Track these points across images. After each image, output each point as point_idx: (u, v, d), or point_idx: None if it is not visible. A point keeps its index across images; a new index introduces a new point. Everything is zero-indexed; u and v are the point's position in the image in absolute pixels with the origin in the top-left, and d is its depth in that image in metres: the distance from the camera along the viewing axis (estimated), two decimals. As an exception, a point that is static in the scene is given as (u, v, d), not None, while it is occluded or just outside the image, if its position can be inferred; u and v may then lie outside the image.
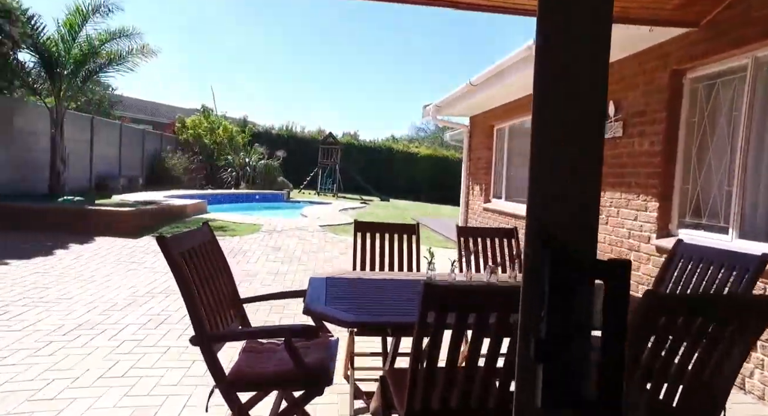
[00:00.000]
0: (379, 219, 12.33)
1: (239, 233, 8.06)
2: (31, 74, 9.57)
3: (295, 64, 75.43)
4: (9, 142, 9.14)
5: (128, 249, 6.43)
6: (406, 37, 74.70)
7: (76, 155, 10.80)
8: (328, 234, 8.68)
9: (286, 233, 8.39)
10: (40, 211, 7.26)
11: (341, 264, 6.52)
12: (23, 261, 5.45)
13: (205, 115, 19.19)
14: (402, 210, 16.53)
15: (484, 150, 8.06)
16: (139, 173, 14.90)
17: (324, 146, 22.36)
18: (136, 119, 23.53)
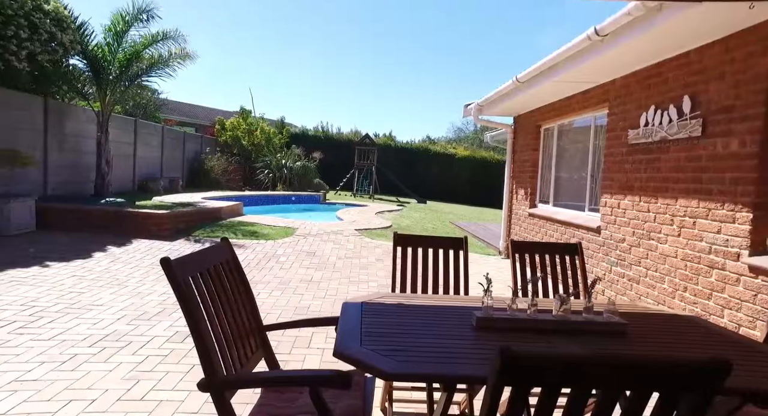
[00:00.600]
0: (415, 222, 11.98)
1: (273, 237, 7.92)
2: (80, 79, 9.85)
3: (331, 64, 76.13)
4: (61, 145, 9.43)
5: (163, 253, 6.38)
6: (444, 36, 73.87)
7: (120, 157, 11.07)
8: (364, 239, 8.40)
9: (320, 237, 8.18)
10: (84, 213, 7.38)
11: (377, 272, 6.22)
12: (63, 264, 5.46)
13: (244, 117, 19.44)
14: (439, 214, 16.09)
15: (529, 151, 7.54)
16: (180, 175, 15.20)
17: (360, 147, 22.20)
18: (180, 122, 24.29)
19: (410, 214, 14.17)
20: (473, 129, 48.55)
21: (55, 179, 9.24)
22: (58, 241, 6.63)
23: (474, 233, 10.98)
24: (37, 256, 5.73)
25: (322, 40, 74.39)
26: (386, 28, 72.48)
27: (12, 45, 7.73)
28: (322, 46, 74.96)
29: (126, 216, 7.37)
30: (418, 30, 73.47)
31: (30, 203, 6.97)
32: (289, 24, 72.34)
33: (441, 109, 78.23)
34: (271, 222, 9.04)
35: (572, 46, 4.34)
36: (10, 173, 8.00)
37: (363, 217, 11.29)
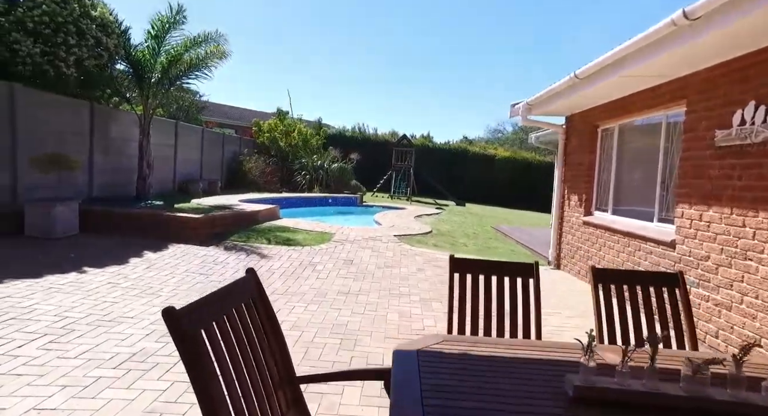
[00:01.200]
0: (456, 227, 11.48)
1: (310, 243, 7.66)
2: (124, 84, 9.99)
3: (367, 65, 76.20)
4: (106, 149, 9.60)
5: (198, 259, 6.23)
6: (481, 37, 72.37)
7: (161, 159, 11.20)
8: (404, 246, 8.01)
9: (358, 243, 7.86)
10: (123, 216, 7.39)
11: (419, 284, 5.81)
12: (100, 270, 5.38)
13: (281, 118, 19.50)
14: (480, 217, 15.48)
15: (584, 154, 6.92)
16: (219, 176, 15.34)
17: (398, 148, 21.84)
18: (220, 123, 24.77)
19: (450, 218, 13.66)
20: (512, 129, 47.21)
21: (100, 181, 9.40)
22: (97, 245, 6.62)
23: (519, 239, 10.37)
24: (76, 261, 5.70)
25: (361, 41, 74.65)
26: (424, 28, 71.89)
27: (61, 51, 7.87)
28: (361, 47, 75.23)
29: (163, 220, 7.31)
30: (454, 29, 72.38)
31: (74, 206, 7.02)
32: (328, 26, 73.07)
33: (478, 110, 76.64)
34: (308, 227, 8.80)
35: (650, 34, 3.78)
36: (57, 176, 8.15)
37: (401, 222, 10.90)
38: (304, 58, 72.46)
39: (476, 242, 9.56)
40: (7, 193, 7.27)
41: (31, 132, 7.62)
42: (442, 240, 9.07)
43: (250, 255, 6.64)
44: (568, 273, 7.18)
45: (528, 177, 27.57)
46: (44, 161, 7.55)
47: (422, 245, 8.34)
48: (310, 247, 7.38)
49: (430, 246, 8.35)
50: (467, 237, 9.95)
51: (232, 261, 6.28)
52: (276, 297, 4.86)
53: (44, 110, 7.98)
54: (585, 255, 6.56)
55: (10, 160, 7.32)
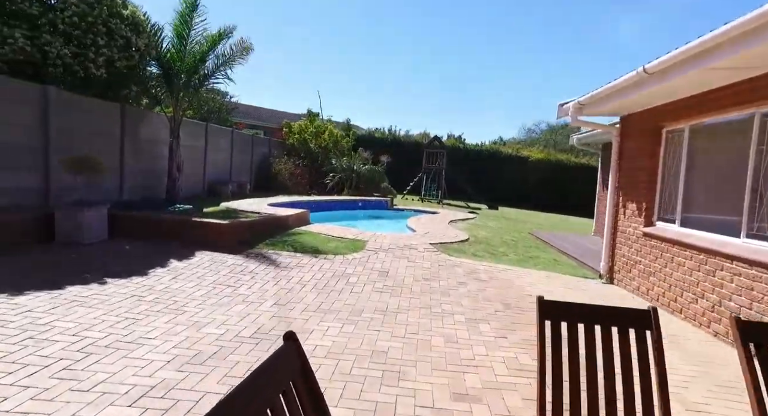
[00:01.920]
0: (493, 234, 10.87)
1: (342, 251, 7.25)
2: (155, 84, 9.87)
3: (397, 65, 75.65)
4: (136, 151, 9.49)
5: (226, 269, 5.91)
6: (513, 38, 70.72)
7: (190, 162, 11.06)
8: (441, 256, 7.50)
9: (393, 252, 7.40)
10: (151, 222, 7.17)
11: (461, 300, 5.30)
12: (125, 281, 5.11)
13: (311, 120, 19.27)
14: (516, 222, 14.78)
15: (644, 158, 6.24)
16: (248, 178, 15.20)
17: (429, 150, 21.28)
18: (249, 125, 24.82)
19: (485, 223, 13.05)
20: (545, 129, 45.78)
21: (130, 184, 9.29)
22: (125, 252, 6.40)
23: (561, 248, 9.68)
24: (102, 269, 5.46)
25: (390, 42, 74.24)
26: (453, 28, 70.82)
27: (91, 52, 7.75)
28: (390, 48, 74.82)
29: (191, 226, 7.05)
30: (487, 30, 71.03)
31: (103, 211, 6.84)
32: (355, 26, 73.00)
33: (511, 110, 75.00)
34: (340, 234, 8.41)
35: (751, 19, 3.16)
36: (88, 179, 8.04)
37: (436, 228, 10.38)
38: (334, 57, 72.64)
39: (516, 251, 8.95)
40: (40, 195, 7.18)
41: (63, 134, 7.52)
42: (481, 249, 8.50)
43: (279, 265, 6.28)
44: (624, 288, 6.51)
45: (562, 179, 26.49)
46: (74, 163, 7.43)
47: (461, 254, 7.81)
48: (343, 256, 6.97)
49: (469, 256, 7.81)
50: (506, 246, 9.35)
51: (260, 271, 5.93)
52: (308, 315, 4.46)
53: (76, 112, 7.89)
54: (646, 271, 5.89)
55: (43, 162, 7.23)
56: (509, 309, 5.13)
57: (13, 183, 6.76)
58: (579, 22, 66.43)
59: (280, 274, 5.87)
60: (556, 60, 70.59)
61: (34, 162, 7.06)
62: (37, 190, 7.08)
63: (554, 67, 70.90)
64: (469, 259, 7.53)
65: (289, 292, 5.18)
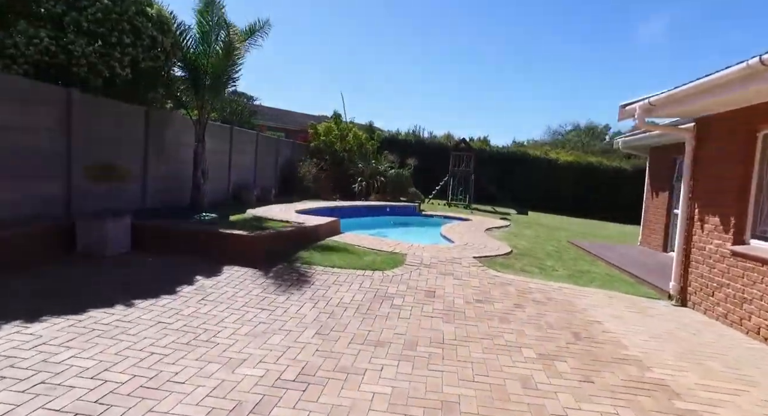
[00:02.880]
0: (533, 243, 10.15)
1: (380, 266, 6.66)
2: (180, 86, 9.44)
3: (418, 66, 74.89)
4: (159, 156, 9.10)
5: (257, 288, 5.37)
6: (535, 39, 69.24)
7: (215, 166, 10.62)
8: (488, 272, 6.84)
9: (436, 268, 6.77)
10: (176, 233, 6.69)
11: (524, 328, 4.65)
12: (147, 303, 4.61)
13: (336, 122, 18.78)
14: (552, 230, 13.99)
15: (731, 164, 5.47)
16: (272, 183, 14.76)
17: (456, 152, 20.57)
18: (270, 127, 24.52)
19: (521, 232, 12.31)
20: (570, 129, 44.46)
21: (153, 190, 8.89)
22: (149, 267, 5.93)
23: (609, 260, 8.90)
24: (125, 288, 4.98)
25: (412, 43, 73.55)
26: (481, 27, 69.68)
27: (116, 51, 7.34)
28: (411, 49, 74.13)
29: (218, 238, 6.55)
30: (509, 31, 69.67)
31: (126, 222, 6.40)
32: (377, 27, 72.59)
33: (535, 112, 73.45)
34: (375, 245, 7.82)
35: None
36: (109, 188, 7.64)
37: (474, 238, 9.71)
38: (353, 59, 72.37)
39: (563, 264, 8.22)
40: (61, 204, 6.78)
41: (86, 139, 7.13)
42: (527, 263, 7.81)
43: (315, 282, 5.72)
44: (704, 314, 5.73)
45: (593, 183, 25.43)
46: (99, 171, 7.03)
47: (508, 270, 7.14)
48: (382, 273, 6.37)
49: (518, 271, 7.12)
50: (552, 258, 8.62)
51: (295, 291, 5.37)
52: (356, 349, 3.86)
53: (100, 116, 7.50)
54: (737, 297, 5.11)
55: (65, 169, 6.84)
56: (581, 341, 4.46)
57: (35, 191, 6.37)
58: (601, 22, 64.59)
59: (317, 294, 5.30)
60: (579, 62, 68.83)
61: (56, 169, 6.67)
62: (58, 199, 6.69)
63: (578, 69, 69.14)
64: (519, 276, 6.85)
65: (331, 317, 4.61)
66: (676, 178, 9.74)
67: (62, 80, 7.10)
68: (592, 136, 40.52)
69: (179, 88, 9.22)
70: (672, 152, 9.81)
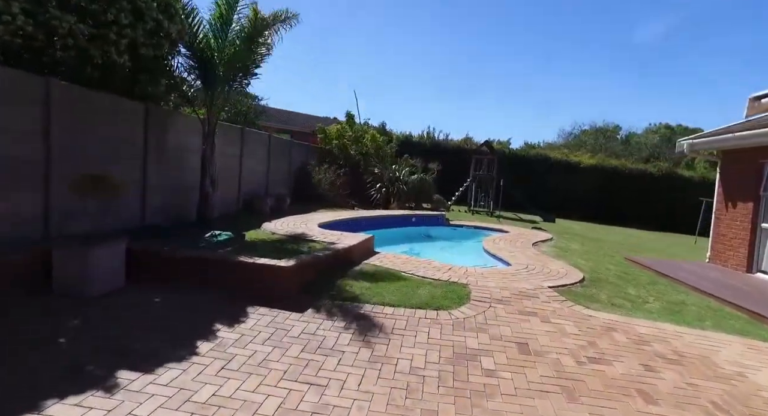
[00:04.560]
0: (593, 262, 8.73)
1: (441, 302, 5.25)
2: (187, 80, 8.05)
3: (429, 68, 73.40)
4: (162, 162, 7.71)
5: (296, 345, 3.96)
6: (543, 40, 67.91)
7: (225, 172, 9.23)
8: (576, 309, 5.44)
9: (512, 305, 5.36)
10: (183, 261, 5.27)
11: (684, 413, 3.24)
12: (143, 382, 3.21)
13: (350, 123, 17.39)
14: (595, 242, 12.59)
15: None
16: (286, 190, 13.37)
17: (478, 156, 19.18)
18: (277, 129, 23.13)
19: (568, 246, 10.90)
20: (582, 132, 43.03)
21: (154, 203, 7.49)
22: (148, 311, 4.51)
23: (694, 284, 7.52)
24: (113, 351, 3.57)
25: (421, 41, 72.18)
26: (491, 27, 68.33)
27: (112, 32, 5.95)
28: (421, 49, 72.73)
29: (238, 269, 5.13)
30: (519, 29, 68.38)
31: (119, 248, 4.99)
32: (386, 27, 71.26)
33: (546, 113, 71.89)
34: (424, 271, 6.41)
35: None
36: (99, 203, 6.25)
37: (527, 256, 8.31)
38: (360, 58, 70.97)
39: (647, 291, 6.82)
40: (38, 224, 5.38)
41: (70, 142, 5.74)
42: (609, 293, 6.40)
43: (369, 332, 4.31)
44: None
45: (619, 188, 24.03)
46: (86, 184, 5.63)
47: (595, 304, 5.74)
48: (449, 314, 4.96)
49: (606, 306, 5.73)
50: (627, 283, 7.22)
51: (347, 349, 3.96)
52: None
53: (88, 113, 6.11)
54: None
55: (43, 180, 5.44)
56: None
57: (1, 209, 4.97)
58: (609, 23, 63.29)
59: (377, 353, 3.90)
60: (586, 63, 67.46)
61: (30, 180, 5.28)
62: (33, 218, 5.29)
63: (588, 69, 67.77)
64: (613, 313, 5.44)
65: (409, 397, 3.21)
66: (765, 187, 8.36)
67: (42, 68, 5.72)
68: (606, 137, 39.17)
69: (185, 80, 7.83)
70: (757, 156, 8.44)
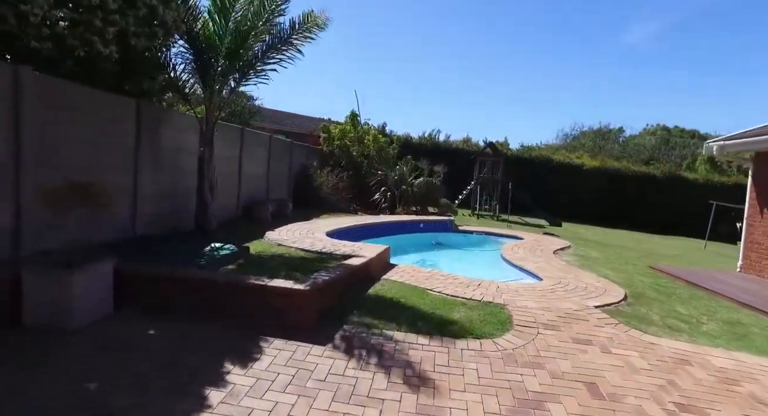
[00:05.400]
0: (622, 272, 8.10)
1: (484, 328, 4.54)
2: (183, 74, 7.26)
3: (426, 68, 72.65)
4: (155, 166, 6.93)
5: (326, 392, 3.23)
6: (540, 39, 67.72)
7: (223, 176, 8.45)
8: (634, 335, 4.76)
9: (561, 330, 4.68)
10: (181, 283, 4.51)
11: None
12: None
13: (353, 123, 16.66)
14: (614, 249, 11.99)
15: None
16: (287, 195, 12.61)
17: (482, 158, 18.57)
18: (272, 130, 22.31)
19: (587, 253, 10.28)
20: (579, 133, 42.66)
21: (146, 212, 6.70)
22: (141, 349, 3.75)
23: (737, 298, 6.93)
24: (96, 410, 2.82)
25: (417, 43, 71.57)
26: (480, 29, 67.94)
27: (97, 19, 5.17)
28: (416, 50, 72.13)
29: (245, 293, 4.38)
30: (510, 30, 68.05)
31: (106, 270, 4.22)
32: (380, 27, 70.59)
33: (543, 114, 71.54)
34: (452, 288, 5.71)
35: None
36: (82, 214, 5.46)
37: (553, 267, 7.66)
38: (353, 57, 70.21)
39: (695, 310, 6.18)
40: (6, 239, 4.58)
41: (47, 143, 4.96)
42: (660, 313, 5.75)
43: (408, 373, 3.60)
44: None
45: (622, 190, 23.57)
46: (64, 191, 4.85)
47: (652, 327, 5.08)
48: (493, 343, 4.26)
49: (665, 330, 5.07)
50: (670, 299, 6.58)
51: (386, 394, 3.25)
52: None
53: (69, 110, 5.32)
54: None
55: (12, 186, 4.64)
56: None
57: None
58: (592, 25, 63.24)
59: (423, 401, 3.18)
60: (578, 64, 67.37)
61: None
62: (1, 232, 4.49)
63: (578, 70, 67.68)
64: (678, 340, 4.78)
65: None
66: (809, 193, 7.80)
67: (16, 55, 4.95)
68: (605, 139, 38.84)
69: (182, 75, 7.06)
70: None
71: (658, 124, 44.05)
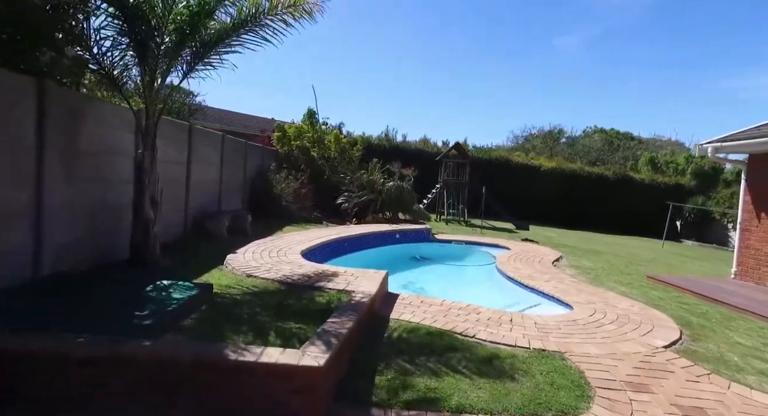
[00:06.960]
0: (636, 289, 7.32)
1: (559, 401, 3.32)
2: (109, 52, 5.40)
3: (376, 65, 71.19)
4: (73, 170, 5.05)
5: None
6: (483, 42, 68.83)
7: (168, 184, 6.63)
8: (735, 389, 3.75)
9: (652, 391, 3.55)
10: (121, 369, 2.86)
11: None
12: None
13: (312, 122, 15.05)
14: (598, 255, 11.41)
15: None
16: (241, 204, 10.82)
17: (448, 160, 17.66)
18: (216, 131, 20.08)
19: (580, 263, 9.54)
20: (530, 135, 43.42)
21: (58, 239, 4.82)
22: None
23: (757, 312, 6.30)
24: None
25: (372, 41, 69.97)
26: (422, 24, 67.81)
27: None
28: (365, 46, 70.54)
29: (225, 378, 2.83)
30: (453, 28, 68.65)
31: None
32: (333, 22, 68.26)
33: (497, 115, 72.41)
34: (483, 331, 4.45)
35: None
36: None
37: (568, 288, 6.68)
38: (298, 54, 67.44)
39: (753, 339, 5.39)
40: None
41: None
42: (729, 348, 4.86)
43: None
44: None
45: (580, 191, 23.71)
46: None
47: (744, 375, 4.12)
48: (588, 427, 3.03)
49: (758, 376, 4.14)
50: (722, 328, 5.77)
51: None
52: None
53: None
54: None
55: None
56: None
57: None
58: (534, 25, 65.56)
59: None
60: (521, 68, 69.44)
61: None
62: None
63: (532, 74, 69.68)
64: (753, 390, 3.84)
65: None
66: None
67: None
68: (555, 141, 39.77)
69: (108, 54, 5.24)
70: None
71: (595, 126, 46.03)
